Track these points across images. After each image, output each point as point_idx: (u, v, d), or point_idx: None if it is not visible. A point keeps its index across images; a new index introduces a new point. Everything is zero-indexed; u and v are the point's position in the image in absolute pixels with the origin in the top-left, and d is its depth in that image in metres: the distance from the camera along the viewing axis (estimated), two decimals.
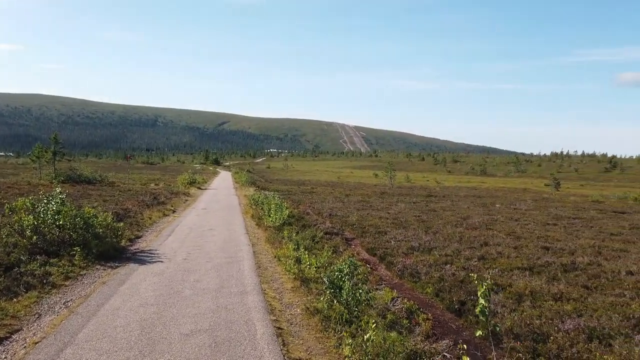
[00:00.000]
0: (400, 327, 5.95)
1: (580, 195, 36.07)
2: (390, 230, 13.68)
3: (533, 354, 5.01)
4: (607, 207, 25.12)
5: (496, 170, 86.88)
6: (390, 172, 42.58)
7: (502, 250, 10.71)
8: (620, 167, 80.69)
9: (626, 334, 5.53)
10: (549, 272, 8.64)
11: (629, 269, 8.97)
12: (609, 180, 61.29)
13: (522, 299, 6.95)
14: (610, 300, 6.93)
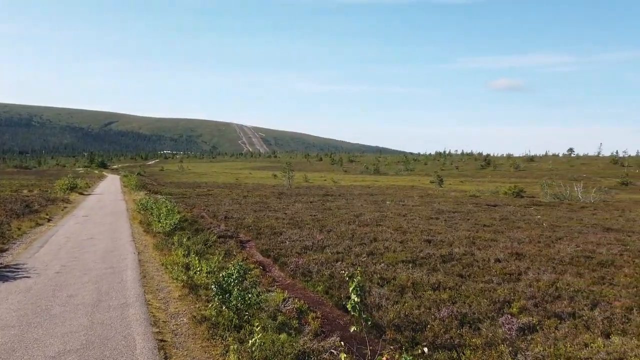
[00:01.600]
0: (290, 328, 5.96)
1: (460, 190, 39.44)
2: (286, 230, 13.72)
3: (412, 342, 5.31)
4: (481, 201, 27.74)
5: (388, 169, 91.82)
6: (288, 172, 42.94)
7: (390, 245, 11.26)
8: (493, 164, 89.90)
9: (492, 317, 6.11)
10: (429, 264, 9.27)
11: (497, 256, 9.96)
12: (484, 177, 67.88)
13: (405, 291, 7.36)
14: (480, 286, 7.62)
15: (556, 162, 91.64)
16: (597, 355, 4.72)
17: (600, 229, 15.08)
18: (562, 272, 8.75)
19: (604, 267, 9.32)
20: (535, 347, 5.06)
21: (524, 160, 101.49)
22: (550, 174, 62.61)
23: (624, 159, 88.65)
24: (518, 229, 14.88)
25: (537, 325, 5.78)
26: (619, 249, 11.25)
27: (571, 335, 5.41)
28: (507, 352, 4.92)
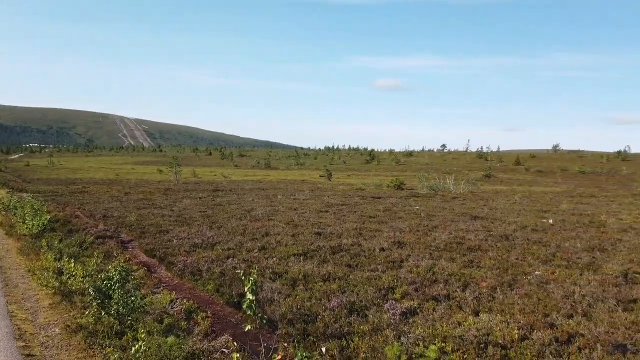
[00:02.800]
0: (178, 330, 5.70)
1: (348, 184, 41.09)
2: (173, 228, 13.09)
3: (304, 334, 5.40)
4: (367, 193, 29.18)
5: (279, 163, 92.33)
6: (175, 167, 40.99)
7: (282, 239, 11.33)
8: (377, 159, 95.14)
9: (378, 304, 6.45)
10: (320, 256, 9.50)
11: (382, 246, 10.54)
12: (369, 170, 71.50)
13: (297, 284, 7.46)
14: (367, 275, 8.00)
15: (432, 157, 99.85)
16: (469, 332, 5.23)
17: (469, 217, 16.71)
18: (438, 258, 9.55)
19: (472, 252, 10.35)
20: (416, 329, 5.45)
21: (404, 155, 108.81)
22: (426, 167, 67.96)
23: (488, 154, 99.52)
24: (399, 219, 15.91)
25: (418, 309, 6.24)
26: (484, 235, 12.59)
27: (447, 316, 5.94)
28: (392, 335, 5.24)
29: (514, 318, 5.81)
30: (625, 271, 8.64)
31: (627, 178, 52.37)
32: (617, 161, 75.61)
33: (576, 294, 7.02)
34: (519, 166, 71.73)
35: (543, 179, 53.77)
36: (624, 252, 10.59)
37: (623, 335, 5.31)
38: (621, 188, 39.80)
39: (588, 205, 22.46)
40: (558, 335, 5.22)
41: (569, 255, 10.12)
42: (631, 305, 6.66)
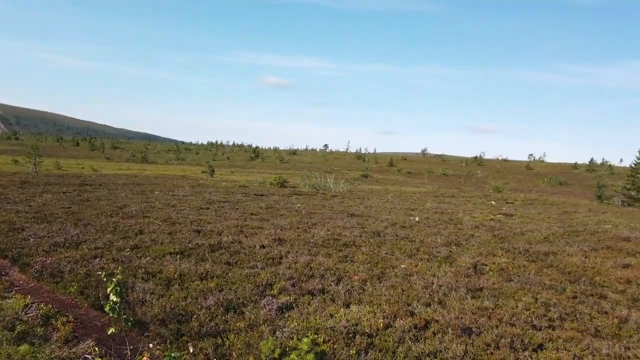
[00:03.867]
0: (34, 337, 5.16)
1: (231, 180, 40.48)
2: (30, 225, 11.72)
3: (177, 335, 5.24)
4: (250, 190, 29.06)
5: (157, 157, 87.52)
6: (35, 157, 36.60)
7: (157, 237, 10.80)
8: (262, 156, 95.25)
9: (255, 300, 6.51)
10: (198, 254, 9.27)
11: (262, 243, 10.62)
12: (253, 168, 71.25)
13: (172, 283, 7.20)
14: (246, 272, 8.02)
15: (314, 156, 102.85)
16: (339, 324, 5.55)
17: (346, 215, 17.57)
18: (316, 254, 9.91)
19: (347, 247, 10.93)
20: (292, 323, 5.62)
21: (288, 153, 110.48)
22: (309, 166, 69.82)
23: (365, 155, 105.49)
24: (281, 216, 16.15)
25: (294, 303, 6.43)
26: (359, 231, 13.35)
27: (320, 309, 6.22)
28: (267, 331, 5.34)
29: (381, 308, 6.29)
30: (475, 263, 9.83)
31: (481, 181, 59.34)
32: (474, 165, 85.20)
33: (434, 284, 7.82)
34: (392, 167, 77.17)
35: (412, 179, 58.58)
36: (475, 247, 12.02)
37: (470, 320, 6.05)
38: (476, 189, 44.96)
39: (448, 205, 25.00)
40: (417, 322, 5.79)
41: (430, 249, 11.20)
42: (478, 293, 7.61)
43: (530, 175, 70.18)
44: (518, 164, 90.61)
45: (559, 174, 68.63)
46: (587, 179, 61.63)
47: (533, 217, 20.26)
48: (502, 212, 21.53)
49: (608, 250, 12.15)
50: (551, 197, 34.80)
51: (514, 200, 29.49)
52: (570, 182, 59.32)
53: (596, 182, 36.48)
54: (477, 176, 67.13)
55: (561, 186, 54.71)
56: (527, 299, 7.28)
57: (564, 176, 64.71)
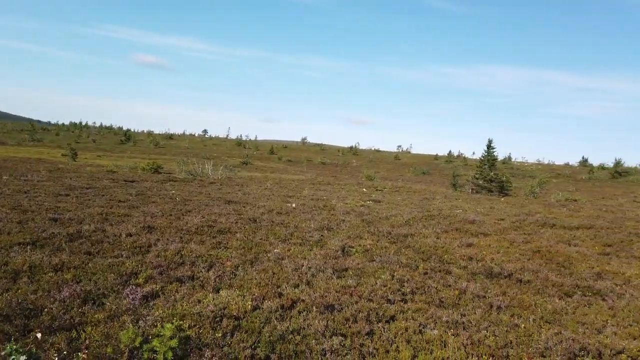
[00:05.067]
0: None
1: (97, 165, 37.30)
2: None
3: (24, 330, 4.79)
4: (120, 176, 27.11)
5: (7, 137, 76.93)
6: None
7: (3, 226, 9.61)
8: (133, 140, 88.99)
9: (118, 291, 6.19)
10: (53, 244, 8.46)
11: (129, 231, 10.06)
12: (123, 152, 66.33)
13: (20, 276, 6.50)
14: (109, 262, 7.55)
15: (192, 142, 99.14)
16: (207, 309, 5.55)
17: (223, 202, 17.38)
18: (188, 241, 9.69)
19: (222, 234, 10.86)
20: (157, 311, 5.48)
21: (163, 137, 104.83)
22: (186, 152, 67.19)
23: (246, 142, 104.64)
24: (153, 203, 15.41)
25: (160, 291, 6.26)
26: (235, 218, 13.32)
27: (188, 295, 6.14)
28: (129, 320, 5.14)
29: (250, 291, 6.42)
30: (343, 246, 10.46)
31: (356, 170, 62.68)
32: (349, 155, 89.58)
33: (304, 266, 8.18)
34: (273, 155, 77.77)
35: (292, 167, 59.75)
36: (345, 230, 12.76)
37: (333, 298, 6.47)
38: (351, 178, 47.44)
39: (324, 192, 26.06)
40: (284, 303, 6.03)
41: (303, 234, 11.63)
42: (343, 273, 8.14)
43: (398, 165, 76.02)
44: (388, 155, 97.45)
45: (423, 164, 75.38)
46: (445, 169, 68.65)
47: (398, 203, 22.06)
48: (372, 199, 23.08)
49: (456, 231, 13.77)
50: (415, 185, 38.14)
51: (383, 188, 31.72)
52: (432, 172, 65.55)
53: (452, 172, 40.82)
54: (352, 165, 70.75)
55: (424, 175, 60.21)
56: (385, 276, 7.98)
57: (426, 166, 71.25)
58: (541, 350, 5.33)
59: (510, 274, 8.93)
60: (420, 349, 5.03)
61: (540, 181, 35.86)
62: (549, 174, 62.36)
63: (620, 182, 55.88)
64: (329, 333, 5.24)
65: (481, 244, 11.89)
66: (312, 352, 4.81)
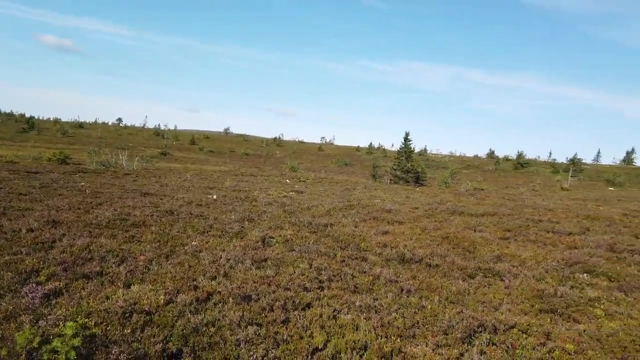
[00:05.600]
0: None
1: None
2: None
3: None
4: (21, 167, 24.90)
5: None
6: None
7: None
8: (38, 128, 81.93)
9: (15, 290, 5.73)
10: None
11: (30, 226, 9.31)
12: (26, 141, 60.90)
13: None
14: (6, 259, 6.95)
15: (106, 131, 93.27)
16: (115, 305, 5.32)
17: (139, 194, 16.61)
18: (98, 236, 9.17)
19: (136, 227, 10.40)
20: (59, 309, 5.16)
21: (73, 126, 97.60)
22: (99, 141, 63.11)
23: (165, 132, 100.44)
24: (59, 196, 14.36)
25: (64, 289, 5.88)
26: (151, 211, 12.80)
27: (96, 292, 5.84)
28: (28, 320, 4.79)
29: (164, 285, 6.25)
30: (264, 236, 10.47)
31: (280, 161, 62.69)
32: (273, 146, 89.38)
33: (222, 258, 8.09)
34: (194, 145, 75.46)
35: (214, 158, 58.39)
36: (266, 221, 12.76)
37: (251, 288, 6.48)
38: (274, 169, 47.36)
39: (247, 183, 25.81)
40: (199, 295, 5.94)
41: (223, 226, 11.47)
42: (262, 264, 8.16)
43: (321, 156, 77.11)
44: (312, 146, 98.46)
45: (345, 155, 77.14)
46: (366, 160, 70.78)
47: (320, 193, 22.44)
48: (295, 190, 23.26)
49: (374, 220, 14.31)
50: (337, 176, 38.95)
51: (306, 179, 32.07)
52: (354, 163, 67.32)
53: (372, 163, 42.20)
54: (276, 156, 70.63)
55: (346, 166, 61.68)
56: (304, 265, 8.13)
57: (349, 158, 73.00)
58: (444, 329, 5.74)
59: (421, 259, 9.47)
60: (334, 334, 5.21)
61: (452, 172, 38.19)
62: (460, 165, 66.62)
63: (522, 173, 61.06)
64: (245, 323, 5.26)
65: (396, 231, 12.46)
66: (227, 342, 4.80)
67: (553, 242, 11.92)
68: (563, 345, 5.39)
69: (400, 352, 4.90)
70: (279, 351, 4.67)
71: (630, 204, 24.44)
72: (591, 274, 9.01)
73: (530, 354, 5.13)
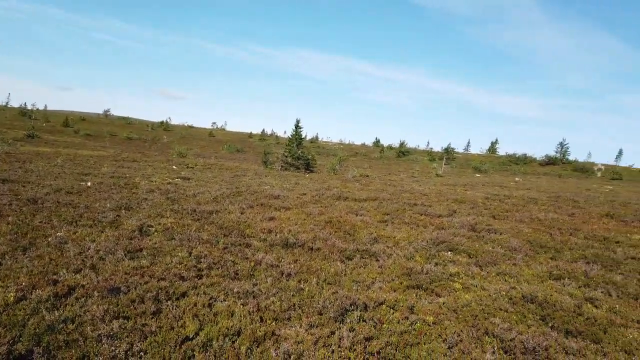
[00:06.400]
0: None
1: None
2: None
3: None
4: None
5: None
6: None
7: None
8: None
9: None
10: None
11: None
12: None
13: None
14: None
15: None
16: None
17: None
18: None
19: None
20: None
21: None
22: None
23: (33, 111, 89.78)
24: None
25: None
26: (9, 199, 11.41)
27: None
28: None
29: (17, 281, 5.61)
30: (141, 225, 9.91)
31: (167, 146, 59.65)
32: (160, 130, 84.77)
33: (91, 249, 7.49)
34: (67, 128, 68.62)
35: (92, 142, 53.70)
36: (146, 209, 12.09)
37: (120, 280, 6.10)
38: (161, 154, 44.94)
39: (128, 169, 24.17)
40: (59, 290, 5.44)
41: (96, 215, 10.62)
42: (137, 254, 7.72)
43: (212, 142, 74.96)
44: (202, 131, 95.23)
45: (237, 141, 75.91)
46: (259, 147, 70.33)
47: (208, 180, 21.82)
48: (181, 176, 22.35)
49: (261, 206, 14.30)
50: (228, 163, 38.20)
51: (194, 165, 30.97)
52: (246, 150, 66.53)
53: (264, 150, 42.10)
54: (163, 141, 67.07)
55: (238, 153, 60.72)
56: (182, 254, 7.85)
57: (241, 144, 71.95)
58: (319, 309, 5.95)
59: (304, 243, 9.68)
60: (207, 322, 5.11)
61: (340, 159, 39.58)
62: (349, 153, 69.39)
63: (404, 160, 65.41)
64: (109, 317, 4.92)
65: (282, 217, 12.59)
66: (87, 339, 4.45)
67: (424, 224, 12.95)
68: (424, 318, 5.89)
69: (274, 334, 4.97)
70: (146, 344, 4.45)
71: (492, 188, 27.50)
72: (454, 251, 9.97)
73: (396, 327, 5.53)
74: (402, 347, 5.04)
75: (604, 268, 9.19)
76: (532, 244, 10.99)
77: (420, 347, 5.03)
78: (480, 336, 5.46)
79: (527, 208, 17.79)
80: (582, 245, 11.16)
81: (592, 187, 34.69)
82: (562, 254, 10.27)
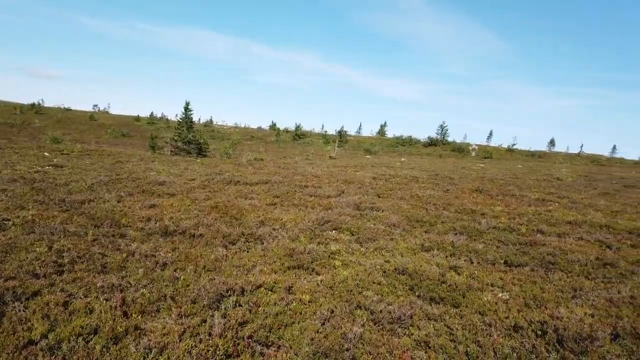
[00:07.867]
0: None
1: None
2: None
3: None
4: None
5: None
6: None
7: None
8: None
9: None
10: None
11: None
12: None
13: None
14: None
15: None
16: None
17: None
18: None
19: None
20: None
21: None
22: None
23: None
24: None
25: None
26: None
27: None
28: None
29: None
30: None
31: (39, 131, 53.70)
32: (31, 114, 76.01)
33: None
34: None
35: None
36: (4, 201, 10.73)
37: None
38: (31, 140, 40.28)
39: None
40: None
41: None
42: None
43: (94, 126, 69.02)
44: (82, 114, 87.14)
45: (123, 125, 70.72)
46: (147, 131, 66.18)
47: (85, 167, 20.01)
48: (53, 164, 20.23)
49: (143, 193, 13.44)
50: (111, 148, 35.44)
51: (70, 152, 28.23)
52: (133, 134, 62.23)
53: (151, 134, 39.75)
54: (34, 126, 60.22)
55: (124, 137, 56.62)
56: (41, 248, 7.07)
57: (127, 128, 67.11)
58: (193, 298, 5.70)
59: (185, 230, 9.27)
60: (60, 322, 4.62)
61: (233, 143, 38.79)
62: (245, 136, 68.38)
63: (299, 144, 66.07)
64: None
65: (164, 204, 11.95)
66: None
67: (312, 205, 13.15)
68: (301, 297, 5.94)
69: (137, 328, 4.64)
70: None
71: (379, 169, 28.88)
72: (338, 230, 10.24)
73: (271, 309, 5.50)
74: (277, 328, 5.02)
75: (469, 238, 10.08)
76: (409, 219, 11.70)
77: (294, 327, 5.05)
78: (353, 310, 5.64)
79: (409, 186, 18.94)
80: (453, 218, 12.15)
81: (466, 165, 38.07)
82: (435, 227, 11.07)
